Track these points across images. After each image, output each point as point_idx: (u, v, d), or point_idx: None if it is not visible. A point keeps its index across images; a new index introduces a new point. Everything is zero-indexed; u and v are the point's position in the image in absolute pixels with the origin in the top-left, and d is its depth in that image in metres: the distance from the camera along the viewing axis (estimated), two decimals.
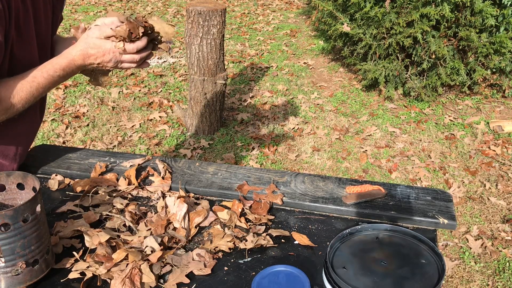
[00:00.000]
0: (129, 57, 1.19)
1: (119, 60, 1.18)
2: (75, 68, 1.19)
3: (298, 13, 7.27)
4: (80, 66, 1.18)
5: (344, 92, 4.68)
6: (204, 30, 3.47)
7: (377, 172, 3.41)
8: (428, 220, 1.23)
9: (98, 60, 1.17)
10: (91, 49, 1.16)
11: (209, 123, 3.86)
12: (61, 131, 3.93)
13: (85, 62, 1.17)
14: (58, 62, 1.18)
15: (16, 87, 1.14)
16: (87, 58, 1.17)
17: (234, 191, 1.35)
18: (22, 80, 1.15)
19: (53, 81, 1.18)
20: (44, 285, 1.03)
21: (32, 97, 1.17)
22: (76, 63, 1.18)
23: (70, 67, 1.18)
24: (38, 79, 1.16)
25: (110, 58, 1.17)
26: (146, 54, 1.21)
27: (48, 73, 1.17)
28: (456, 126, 4.00)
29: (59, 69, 1.17)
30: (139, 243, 1.12)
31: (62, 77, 1.19)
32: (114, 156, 1.55)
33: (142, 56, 1.21)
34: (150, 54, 1.24)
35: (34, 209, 0.97)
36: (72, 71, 1.19)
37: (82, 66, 1.19)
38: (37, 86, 1.16)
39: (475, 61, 4.09)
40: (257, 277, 1.00)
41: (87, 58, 1.17)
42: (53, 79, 1.18)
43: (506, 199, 3.08)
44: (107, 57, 1.17)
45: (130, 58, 1.19)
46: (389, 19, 4.06)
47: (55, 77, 1.18)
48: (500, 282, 2.46)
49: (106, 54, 1.16)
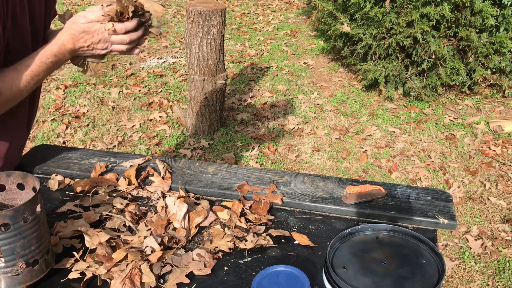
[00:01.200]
0: (119, 37, 1.17)
1: (108, 41, 1.17)
2: (66, 52, 1.19)
3: (298, 13, 7.27)
4: (71, 50, 1.18)
5: (344, 92, 4.68)
6: (204, 30, 3.47)
7: (377, 172, 3.41)
8: (428, 220, 1.23)
9: (88, 42, 1.17)
10: (80, 32, 1.16)
11: (209, 123, 3.86)
12: (61, 131, 3.93)
13: (75, 45, 1.17)
14: (49, 49, 1.18)
15: (13, 78, 1.14)
16: (76, 41, 1.17)
17: (234, 191, 1.35)
18: (16, 70, 1.16)
19: (46, 67, 1.18)
20: (44, 285, 1.03)
21: (28, 86, 1.18)
22: (67, 47, 1.18)
23: (61, 51, 1.18)
24: (32, 67, 1.16)
25: (99, 39, 1.16)
26: (136, 37, 1.20)
27: (40, 60, 1.17)
28: (456, 126, 4.00)
29: (50, 55, 1.18)
30: (139, 243, 1.12)
31: (55, 63, 1.19)
32: (114, 156, 1.55)
33: (132, 38, 1.19)
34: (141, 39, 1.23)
35: (34, 209, 0.97)
36: (64, 56, 1.19)
37: (73, 50, 1.19)
38: (31, 74, 1.17)
39: (475, 61, 4.09)
40: (257, 277, 1.00)
41: (77, 41, 1.17)
42: (46, 65, 1.18)
43: (506, 199, 3.08)
44: (96, 38, 1.16)
45: (119, 39, 1.18)
46: (389, 19, 4.06)
47: (48, 64, 1.18)
48: (500, 282, 2.46)
49: (95, 35, 1.16)
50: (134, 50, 1.24)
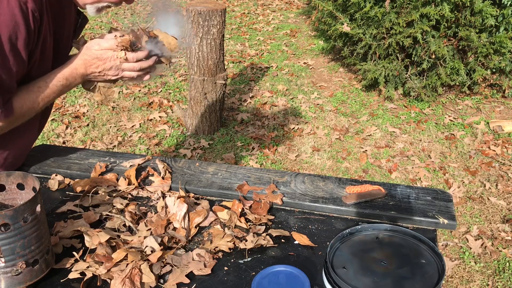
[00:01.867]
0: (130, 65, 1.21)
1: (120, 69, 1.22)
2: (78, 76, 1.23)
3: (298, 13, 7.27)
4: (83, 74, 1.23)
5: (344, 92, 4.68)
6: (204, 30, 3.47)
7: (377, 172, 3.41)
8: (428, 220, 1.23)
9: (100, 68, 1.21)
10: (93, 58, 1.20)
11: (209, 123, 3.86)
12: (61, 131, 3.93)
13: (87, 70, 1.22)
14: (62, 72, 1.22)
15: (24, 98, 1.18)
16: (88, 67, 1.21)
17: (234, 191, 1.35)
18: (28, 90, 1.19)
19: (56, 90, 1.22)
20: (44, 285, 1.03)
21: (37, 106, 1.21)
22: (79, 72, 1.22)
23: (73, 75, 1.22)
24: (42, 88, 1.20)
25: (110, 66, 1.21)
26: (147, 65, 1.24)
27: (52, 83, 1.21)
28: (456, 126, 4.00)
29: (62, 78, 1.21)
30: (139, 243, 1.12)
31: (66, 86, 1.23)
32: (114, 156, 1.55)
33: (143, 67, 1.23)
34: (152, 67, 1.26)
35: (34, 209, 0.97)
36: (75, 80, 1.23)
37: (84, 75, 1.23)
38: (42, 96, 1.20)
39: (475, 61, 4.09)
40: (257, 277, 1.00)
41: (89, 66, 1.21)
42: (56, 88, 1.22)
43: (506, 199, 3.08)
44: (108, 65, 1.20)
45: (130, 67, 1.22)
46: (389, 19, 4.06)
47: (59, 86, 1.22)
48: (500, 282, 2.46)
49: (107, 62, 1.20)
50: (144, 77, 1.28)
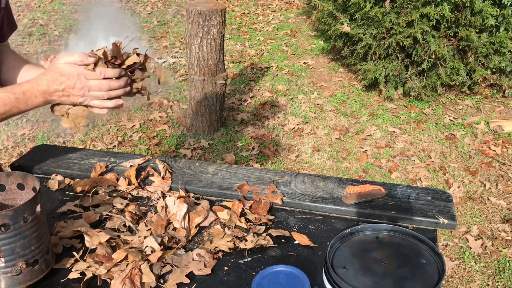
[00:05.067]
0: (96, 83, 1.08)
1: (85, 86, 1.08)
2: (38, 93, 1.09)
3: (298, 13, 7.26)
4: (44, 91, 1.09)
5: (344, 92, 4.68)
6: (204, 30, 3.47)
7: (377, 172, 3.41)
8: (428, 220, 1.23)
9: (63, 85, 1.08)
10: (56, 73, 1.08)
11: (209, 123, 3.86)
12: (61, 131, 3.93)
13: (49, 87, 1.08)
14: (20, 85, 1.10)
15: None
16: (51, 83, 1.08)
17: (234, 191, 1.35)
18: None
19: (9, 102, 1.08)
20: (44, 285, 1.03)
21: None
22: (40, 88, 1.08)
23: (32, 91, 1.08)
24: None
25: (74, 82, 1.07)
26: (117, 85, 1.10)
27: (5, 93, 1.07)
28: (456, 126, 4.00)
29: (18, 91, 1.08)
30: (139, 243, 1.12)
31: (22, 102, 1.09)
32: (114, 156, 1.55)
33: (112, 86, 1.09)
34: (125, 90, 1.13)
35: (34, 209, 0.97)
36: (35, 97, 1.09)
37: (46, 93, 1.09)
38: None
39: (475, 61, 4.09)
40: (257, 277, 1.00)
41: (52, 82, 1.08)
42: (8, 100, 1.07)
43: (506, 199, 3.08)
44: (71, 81, 1.07)
45: (97, 85, 1.08)
46: (389, 19, 4.06)
47: (12, 99, 1.08)
48: (500, 282, 2.46)
49: (70, 78, 1.07)
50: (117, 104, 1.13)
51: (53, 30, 6.42)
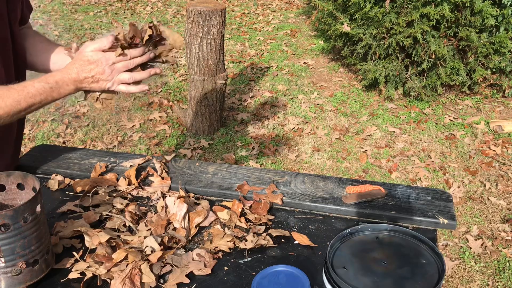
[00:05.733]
0: (122, 63, 1.16)
1: (114, 69, 1.15)
2: (69, 81, 1.15)
3: (298, 13, 7.26)
4: (75, 80, 1.15)
5: (344, 92, 4.68)
6: (204, 30, 3.47)
7: (377, 172, 3.41)
8: (428, 220, 1.23)
9: (93, 72, 1.14)
10: (85, 61, 1.14)
11: (209, 123, 3.86)
12: (61, 131, 3.93)
13: (79, 75, 1.15)
14: (53, 75, 1.15)
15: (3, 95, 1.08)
16: (81, 71, 1.14)
17: (234, 191, 1.35)
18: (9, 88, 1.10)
19: (44, 92, 1.12)
20: (44, 285, 1.03)
21: (19, 106, 1.10)
22: (71, 76, 1.15)
23: (64, 80, 1.14)
24: (28, 88, 1.10)
25: (103, 68, 1.14)
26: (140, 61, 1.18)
27: (40, 83, 1.12)
28: (456, 126, 4.00)
29: (52, 81, 1.13)
30: (139, 243, 1.12)
31: (55, 90, 1.14)
32: (114, 156, 1.55)
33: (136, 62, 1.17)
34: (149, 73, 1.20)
35: (34, 209, 0.97)
36: (67, 85, 1.15)
37: (77, 81, 1.15)
38: (25, 95, 1.10)
39: (475, 61, 4.09)
40: (257, 277, 1.00)
41: (81, 70, 1.14)
42: (43, 90, 1.12)
43: (506, 199, 3.08)
44: (100, 67, 1.14)
45: (123, 65, 1.16)
46: (389, 19, 4.06)
47: (47, 89, 1.13)
48: (500, 282, 2.46)
49: (99, 65, 1.14)
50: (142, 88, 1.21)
51: (53, 30, 6.42)
